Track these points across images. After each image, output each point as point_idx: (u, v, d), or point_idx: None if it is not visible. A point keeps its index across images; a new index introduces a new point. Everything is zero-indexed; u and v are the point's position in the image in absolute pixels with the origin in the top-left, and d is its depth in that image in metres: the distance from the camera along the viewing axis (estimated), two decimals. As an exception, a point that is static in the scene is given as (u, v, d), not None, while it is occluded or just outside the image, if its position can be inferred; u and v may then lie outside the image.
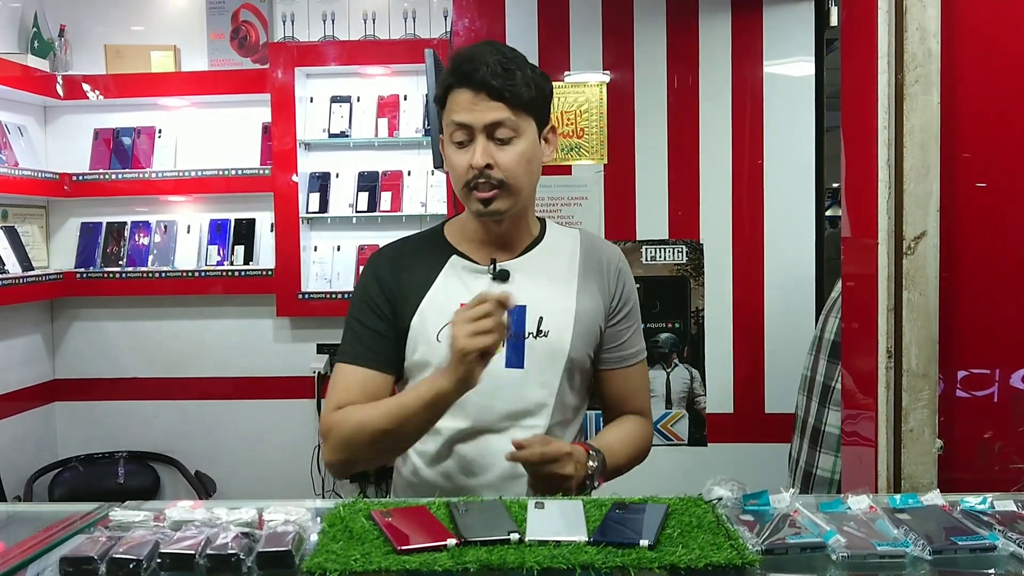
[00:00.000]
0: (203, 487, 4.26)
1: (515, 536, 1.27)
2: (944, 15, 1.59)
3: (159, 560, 1.21)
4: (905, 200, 1.59)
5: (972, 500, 1.41)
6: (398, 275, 1.73)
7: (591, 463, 1.61)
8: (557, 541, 1.26)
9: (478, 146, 1.60)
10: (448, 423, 1.65)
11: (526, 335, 1.67)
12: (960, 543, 1.25)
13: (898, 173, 1.60)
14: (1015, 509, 1.39)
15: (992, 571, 1.22)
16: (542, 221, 1.82)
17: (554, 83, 3.02)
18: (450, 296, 1.68)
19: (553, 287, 1.71)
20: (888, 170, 1.61)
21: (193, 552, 1.21)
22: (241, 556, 1.20)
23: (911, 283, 1.60)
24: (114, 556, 1.20)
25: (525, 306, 1.67)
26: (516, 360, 1.66)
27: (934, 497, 1.43)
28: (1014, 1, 1.62)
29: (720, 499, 1.44)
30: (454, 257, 1.73)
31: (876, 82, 1.62)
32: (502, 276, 1.70)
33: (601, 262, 1.78)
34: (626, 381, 1.81)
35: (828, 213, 3.31)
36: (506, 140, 1.62)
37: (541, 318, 1.68)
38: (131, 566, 1.19)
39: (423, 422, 1.59)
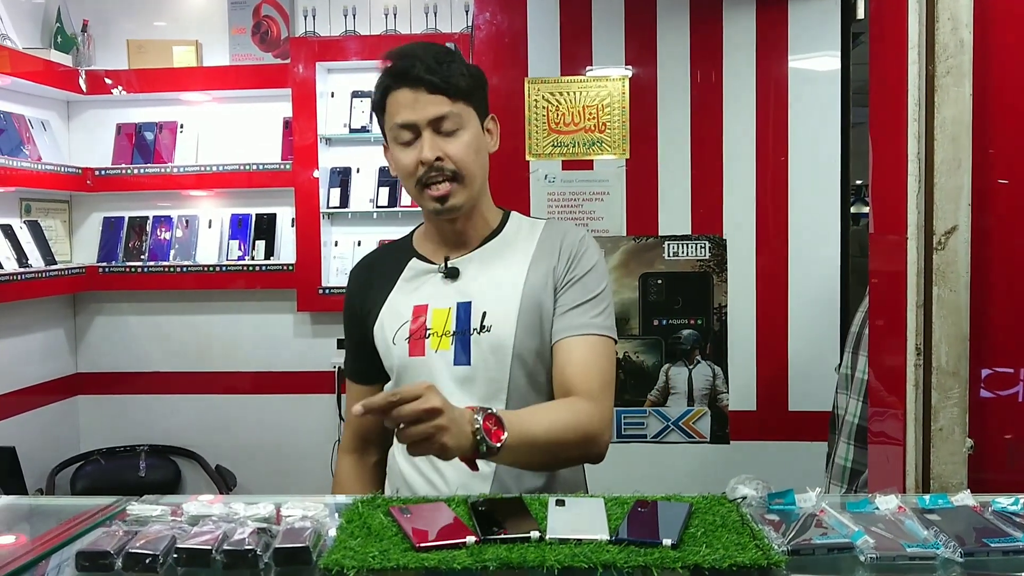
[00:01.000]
0: (224, 481, 4.26)
1: (535, 534, 1.25)
2: (976, 4, 1.55)
3: (176, 555, 1.19)
4: (936, 194, 1.55)
5: (1004, 501, 1.37)
6: (366, 287, 1.79)
7: (475, 420, 1.41)
8: (578, 539, 1.24)
9: (425, 141, 1.61)
10: None
11: (471, 331, 1.67)
12: (992, 545, 1.22)
13: (928, 167, 1.56)
14: (1048, 510, 1.35)
15: (1024, 575, 1.19)
16: (506, 213, 1.80)
17: (576, 77, 3.03)
18: (405, 299, 1.73)
19: (502, 280, 1.69)
20: (918, 164, 1.57)
21: (210, 547, 1.19)
22: (258, 552, 1.19)
23: (941, 279, 1.56)
24: (130, 551, 1.19)
25: (470, 302, 1.68)
26: (463, 357, 1.67)
27: (964, 497, 1.39)
28: (1049, -10, 1.58)
29: (744, 498, 1.41)
30: (413, 260, 1.77)
31: (906, 74, 1.58)
32: (451, 274, 1.71)
33: (555, 243, 1.73)
34: (567, 353, 1.64)
35: (852, 210, 3.27)
36: (452, 132, 1.62)
37: (484, 313, 1.67)
38: (147, 561, 1.18)
39: None
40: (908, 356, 1.60)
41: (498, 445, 1.43)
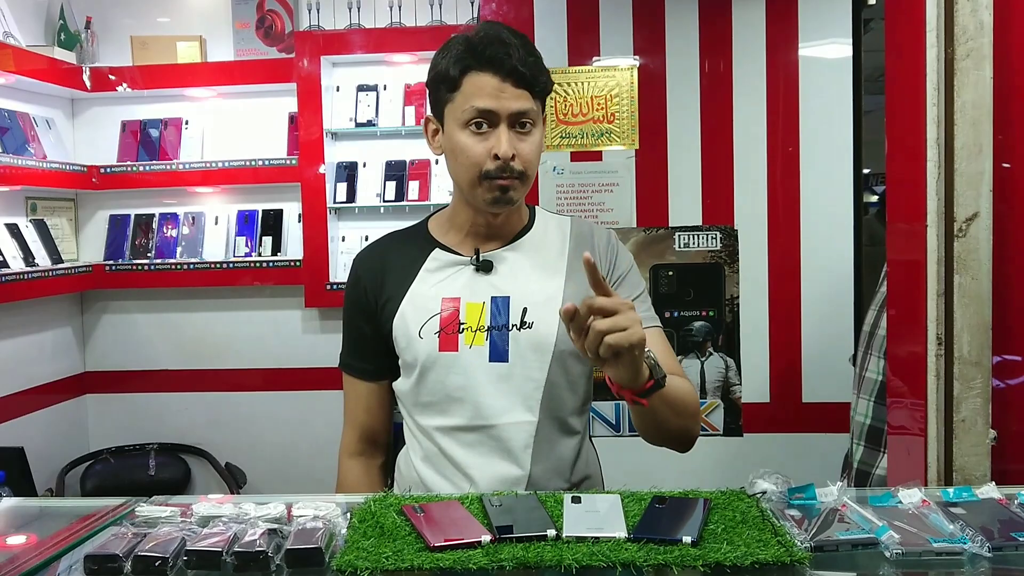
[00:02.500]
0: (233, 479, 4.25)
1: (552, 532, 1.22)
2: (996, -15, 1.52)
3: (185, 558, 1.17)
4: (956, 180, 1.52)
5: (1030, 493, 1.35)
6: (380, 275, 1.71)
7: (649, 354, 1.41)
8: (596, 537, 1.21)
9: (502, 135, 1.54)
10: (435, 421, 1.64)
11: (510, 327, 1.61)
12: (1021, 539, 1.19)
13: (948, 152, 1.53)
14: (1076, 503, 1.32)
15: (1055, 569, 1.16)
16: (531, 209, 1.76)
17: (584, 67, 3.00)
18: (430, 291, 1.65)
19: (539, 276, 1.65)
20: (937, 149, 1.54)
21: (220, 549, 1.17)
22: (269, 553, 1.16)
23: (962, 267, 1.53)
24: (139, 554, 1.17)
25: (509, 297, 1.62)
26: (500, 354, 1.61)
27: (989, 490, 1.36)
28: (1071, -31, 1.55)
29: (764, 493, 1.38)
30: (436, 250, 1.69)
31: (924, 57, 1.55)
32: (485, 267, 1.64)
33: (592, 243, 1.71)
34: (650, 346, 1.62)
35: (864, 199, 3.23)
36: (526, 130, 1.57)
37: (525, 309, 1.62)
38: (157, 564, 1.15)
39: None
40: (929, 346, 1.57)
41: (664, 375, 1.42)
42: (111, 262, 4.29)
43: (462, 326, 1.61)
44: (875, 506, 1.32)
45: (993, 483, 1.38)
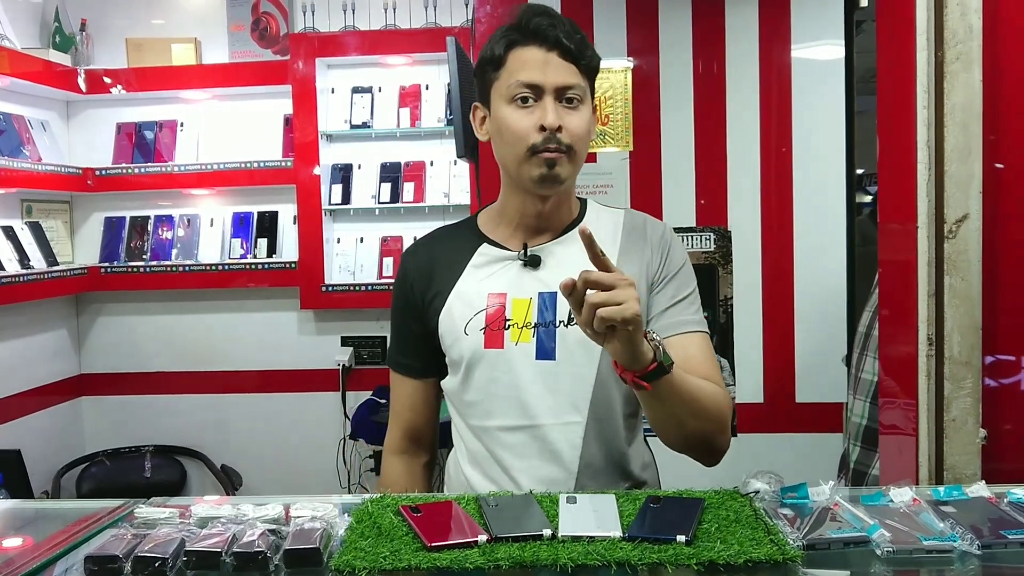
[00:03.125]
0: (229, 480, 4.26)
1: (548, 532, 1.24)
2: (985, -10, 1.54)
3: (185, 558, 1.18)
4: (946, 182, 1.53)
5: (1019, 491, 1.36)
6: (427, 271, 1.66)
7: (652, 332, 1.39)
8: (591, 537, 1.23)
9: (548, 106, 1.49)
10: (480, 421, 1.61)
11: (557, 324, 1.56)
12: (1010, 537, 1.20)
13: (938, 154, 1.55)
14: (1065, 501, 1.34)
15: (1044, 566, 1.18)
16: (583, 201, 1.70)
17: (578, 69, 3.01)
18: (477, 287, 1.61)
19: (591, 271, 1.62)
20: (928, 151, 1.56)
21: (219, 550, 1.18)
22: (268, 554, 1.17)
23: (953, 268, 1.55)
24: (139, 554, 1.18)
25: (556, 292, 1.54)
26: (547, 351, 1.56)
27: (979, 489, 1.38)
28: (1059, -26, 1.57)
29: (757, 492, 1.40)
30: (484, 245, 1.64)
31: (914, 60, 1.57)
32: (533, 262, 1.59)
33: (644, 235, 1.65)
34: (683, 349, 1.55)
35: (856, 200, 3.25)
36: (574, 105, 1.52)
37: None
38: (156, 564, 1.16)
39: None
40: (920, 346, 1.59)
41: (671, 363, 1.37)
42: (106, 264, 4.30)
43: (508, 322, 1.57)
44: (867, 505, 1.33)
45: (983, 482, 1.39)
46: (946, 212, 1.54)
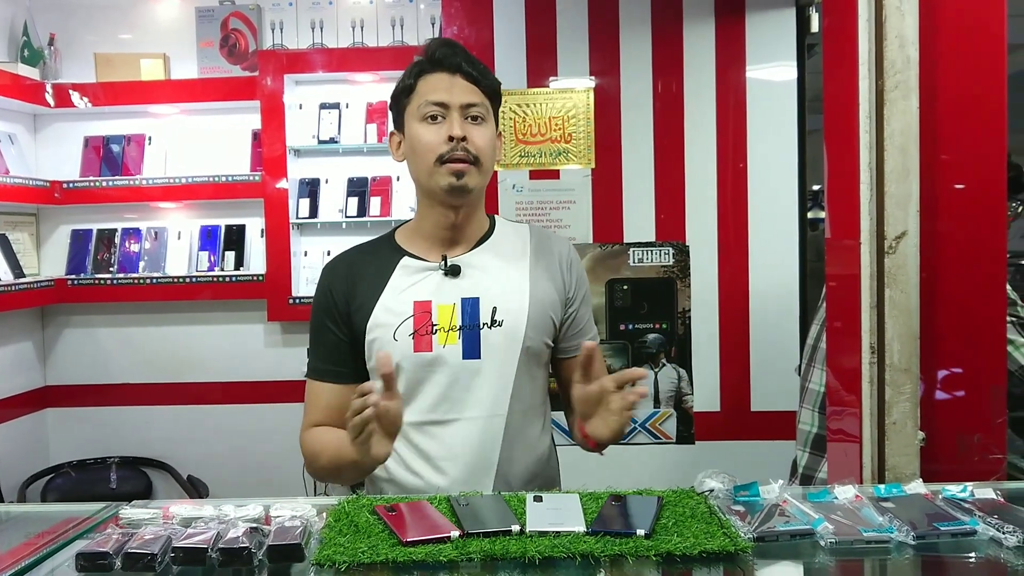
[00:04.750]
0: (196, 491, 4.28)
1: (516, 527, 1.32)
2: (922, 23, 1.65)
3: (172, 554, 1.25)
4: (886, 201, 1.65)
5: (953, 488, 1.47)
6: (351, 283, 1.79)
7: None
8: (557, 532, 1.31)
9: (454, 120, 1.68)
10: (408, 416, 1.71)
11: (480, 326, 1.72)
12: (942, 528, 1.31)
13: (879, 175, 1.66)
14: (994, 497, 1.45)
15: (972, 555, 1.28)
16: (491, 218, 1.87)
17: (542, 89, 3.11)
18: (402, 296, 1.74)
19: (505, 278, 1.76)
20: (870, 172, 1.67)
21: (206, 546, 1.25)
22: (252, 550, 1.24)
23: (893, 281, 1.66)
24: (129, 551, 1.24)
25: (478, 298, 1.72)
26: (472, 351, 1.71)
27: (917, 486, 1.48)
28: (988, 9, 1.68)
29: (712, 490, 1.50)
30: (405, 258, 1.78)
31: (857, 88, 1.68)
32: (453, 271, 1.75)
33: (552, 253, 1.83)
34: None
35: (810, 215, 3.37)
36: (477, 121, 1.71)
37: (495, 308, 1.72)
38: (146, 560, 1.23)
39: (357, 472, 1.70)
40: (863, 354, 1.69)
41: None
42: (73, 277, 4.31)
43: (435, 327, 1.71)
44: (813, 501, 1.44)
45: (920, 480, 1.50)
46: (886, 229, 1.65)
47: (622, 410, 1.56)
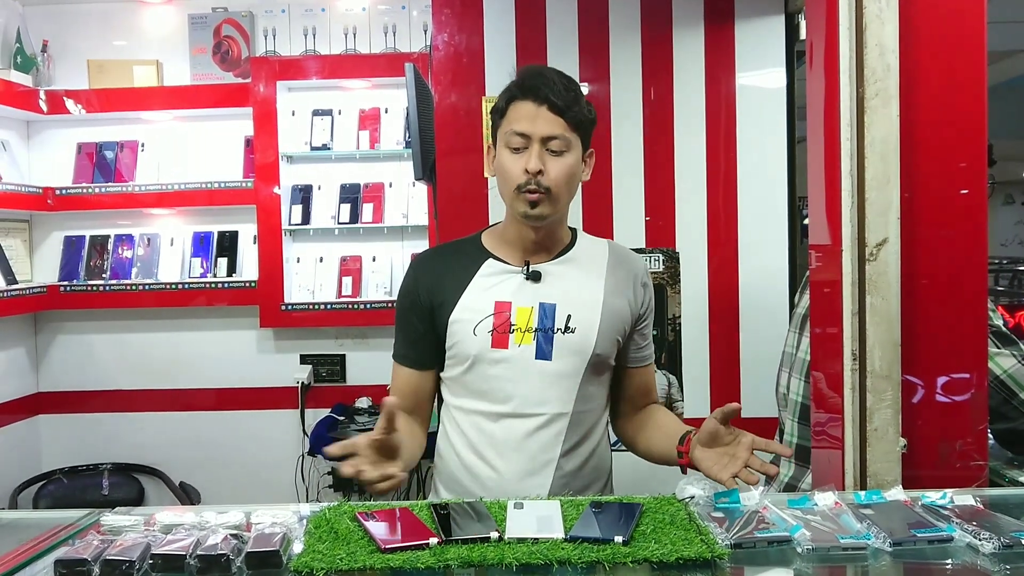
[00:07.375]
0: (188, 498, 4.28)
1: (495, 534, 1.32)
2: (902, 32, 1.66)
3: (151, 561, 1.25)
4: (867, 208, 1.65)
5: (933, 495, 1.48)
6: (438, 276, 1.89)
7: None
8: (535, 539, 1.32)
9: (533, 153, 1.74)
10: (480, 406, 1.84)
11: (555, 330, 1.81)
12: (919, 535, 1.31)
13: (860, 183, 1.66)
14: (974, 503, 1.45)
15: (949, 561, 1.29)
16: (573, 231, 1.96)
17: (532, 96, 3.11)
18: (485, 294, 1.84)
19: (581, 288, 1.86)
20: (851, 180, 1.68)
21: (184, 553, 1.25)
22: (231, 556, 1.25)
23: (874, 288, 1.66)
24: (107, 558, 1.24)
25: (555, 304, 1.82)
26: (544, 353, 1.81)
27: (897, 493, 1.49)
28: (968, 18, 1.69)
29: (692, 497, 1.50)
30: (490, 260, 1.88)
31: (839, 96, 1.69)
32: (535, 276, 1.84)
33: (628, 272, 1.93)
34: (647, 377, 2.01)
35: (806, 222, 3.37)
36: (558, 152, 1.76)
37: (569, 315, 1.82)
38: (124, 567, 1.23)
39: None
40: (845, 361, 1.70)
41: None
42: (66, 283, 4.32)
43: (513, 327, 1.82)
44: (793, 508, 1.44)
45: (900, 487, 1.51)
46: (867, 236, 1.66)
47: (731, 477, 1.63)
